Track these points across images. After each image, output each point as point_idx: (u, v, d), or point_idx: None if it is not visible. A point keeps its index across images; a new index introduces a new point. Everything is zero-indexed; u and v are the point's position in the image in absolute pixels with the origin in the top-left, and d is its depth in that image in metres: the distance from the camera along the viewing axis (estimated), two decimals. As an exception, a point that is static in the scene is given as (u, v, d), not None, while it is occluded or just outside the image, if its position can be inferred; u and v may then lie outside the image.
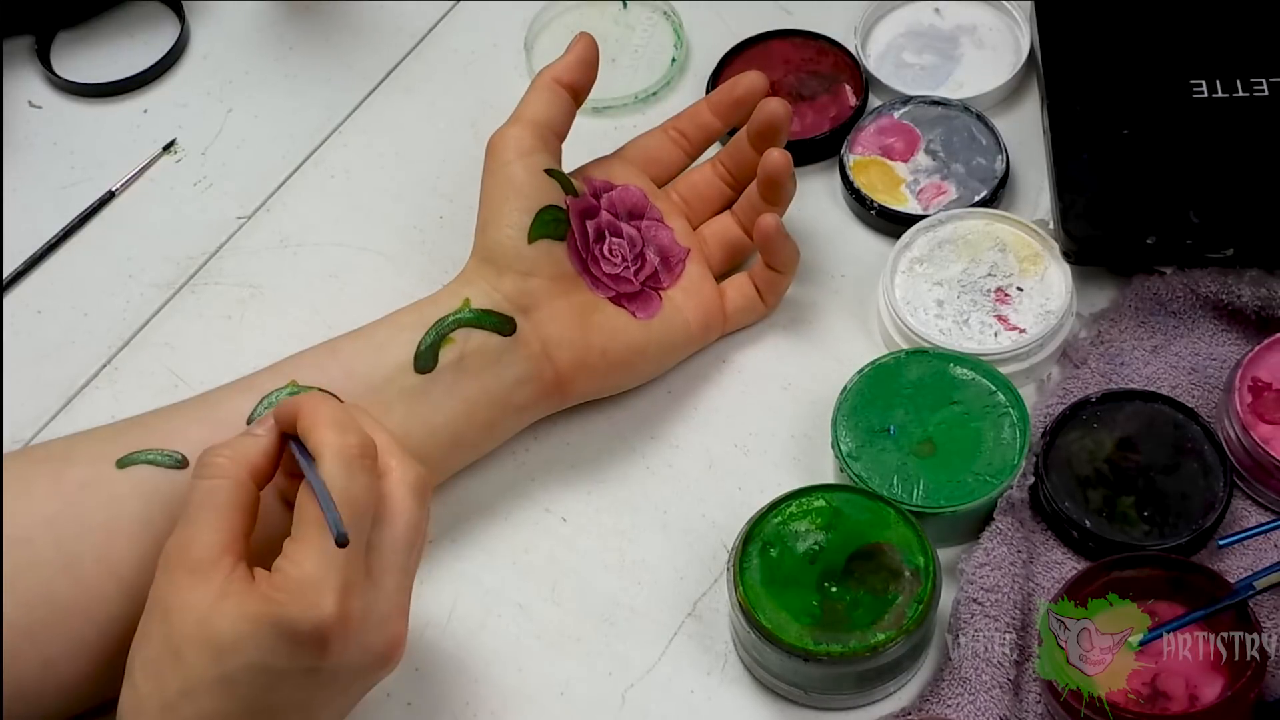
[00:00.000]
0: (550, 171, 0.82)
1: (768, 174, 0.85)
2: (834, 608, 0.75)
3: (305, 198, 0.96)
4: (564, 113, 0.84)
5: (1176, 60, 0.90)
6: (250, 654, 0.65)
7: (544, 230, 0.81)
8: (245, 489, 0.69)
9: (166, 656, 0.66)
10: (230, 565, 0.67)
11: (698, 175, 0.89)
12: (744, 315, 0.88)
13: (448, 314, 0.80)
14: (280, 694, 0.67)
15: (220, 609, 0.66)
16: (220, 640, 0.65)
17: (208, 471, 0.69)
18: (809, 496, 0.78)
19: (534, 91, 0.84)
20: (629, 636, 0.80)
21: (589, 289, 0.83)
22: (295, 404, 0.70)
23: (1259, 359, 0.82)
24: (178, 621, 0.66)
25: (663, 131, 0.89)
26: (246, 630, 0.65)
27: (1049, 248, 0.87)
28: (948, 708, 0.75)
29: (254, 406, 0.76)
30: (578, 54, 0.85)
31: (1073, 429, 0.81)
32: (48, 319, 0.92)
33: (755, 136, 0.86)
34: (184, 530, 0.68)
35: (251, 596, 0.66)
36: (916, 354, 0.84)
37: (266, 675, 0.66)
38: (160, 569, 0.68)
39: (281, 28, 1.02)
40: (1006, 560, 0.77)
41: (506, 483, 0.85)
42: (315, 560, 0.66)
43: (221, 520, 0.68)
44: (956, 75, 0.96)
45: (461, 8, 1.03)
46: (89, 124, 0.99)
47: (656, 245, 0.86)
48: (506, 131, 0.83)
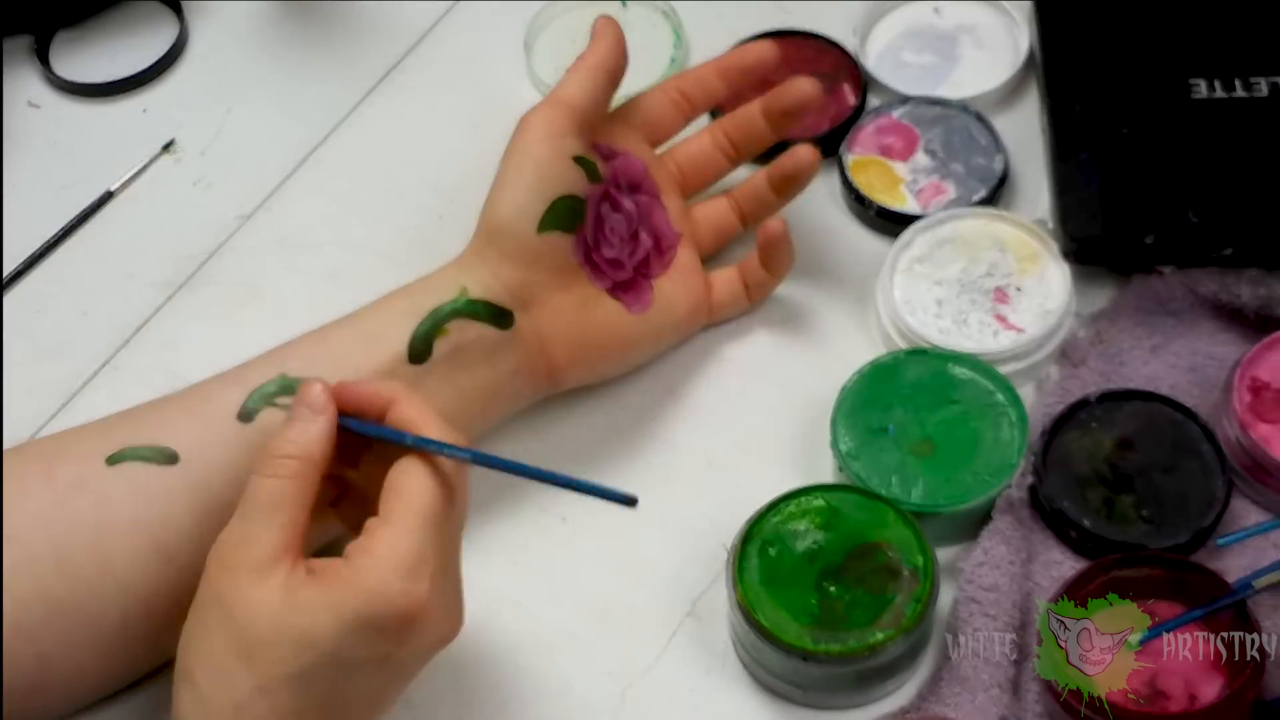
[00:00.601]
0: (578, 158, 0.80)
1: (795, 168, 0.84)
2: (833, 607, 0.75)
3: (305, 198, 0.96)
4: (602, 98, 0.82)
5: (1176, 60, 0.90)
6: (331, 644, 0.65)
7: (555, 222, 0.80)
8: (311, 485, 0.69)
9: (235, 655, 0.66)
10: (292, 561, 0.67)
11: (696, 146, 0.88)
12: (729, 309, 0.88)
13: (443, 303, 0.79)
14: (354, 684, 0.66)
15: (297, 604, 0.65)
16: (301, 635, 0.65)
17: (273, 469, 0.68)
18: (808, 496, 0.78)
19: (575, 73, 0.82)
20: (628, 636, 0.80)
21: (589, 280, 0.82)
22: (376, 394, 0.70)
23: (1258, 358, 0.82)
24: (246, 620, 0.66)
25: (664, 93, 0.87)
26: (327, 621, 0.65)
27: (1048, 247, 0.87)
28: (947, 707, 0.75)
29: (244, 400, 0.76)
30: (611, 37, 0.83)
31: (1072, 428, 0.81)
32: (48, 319, 0.92)
33: (778, 114, 0.85)
34: (245, 527, 0.67)
35: (332, 588, 0.65)
36: (915, 354, 0.84)
37: (344, 665, 0.65)
38: (216, 566, 0.68)
39: (281, 28, 1.02)
40: (1005, 560, 0.77)
41: (506, 482, 0.84)
42: (409, 545, 0.66)
43: (287, 519, 0.67)
44: (956, 75, 0.96)
45: (461, 8, 1.03)
46: (88, 124, 0.99)
47: (650, 226, 0.85)
48: (540, 110, 0.81)
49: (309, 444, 0.69)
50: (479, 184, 0.83)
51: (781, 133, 0.87)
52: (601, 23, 0.84)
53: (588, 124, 0.81)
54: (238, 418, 0.76)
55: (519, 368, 0.80)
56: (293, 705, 0.65)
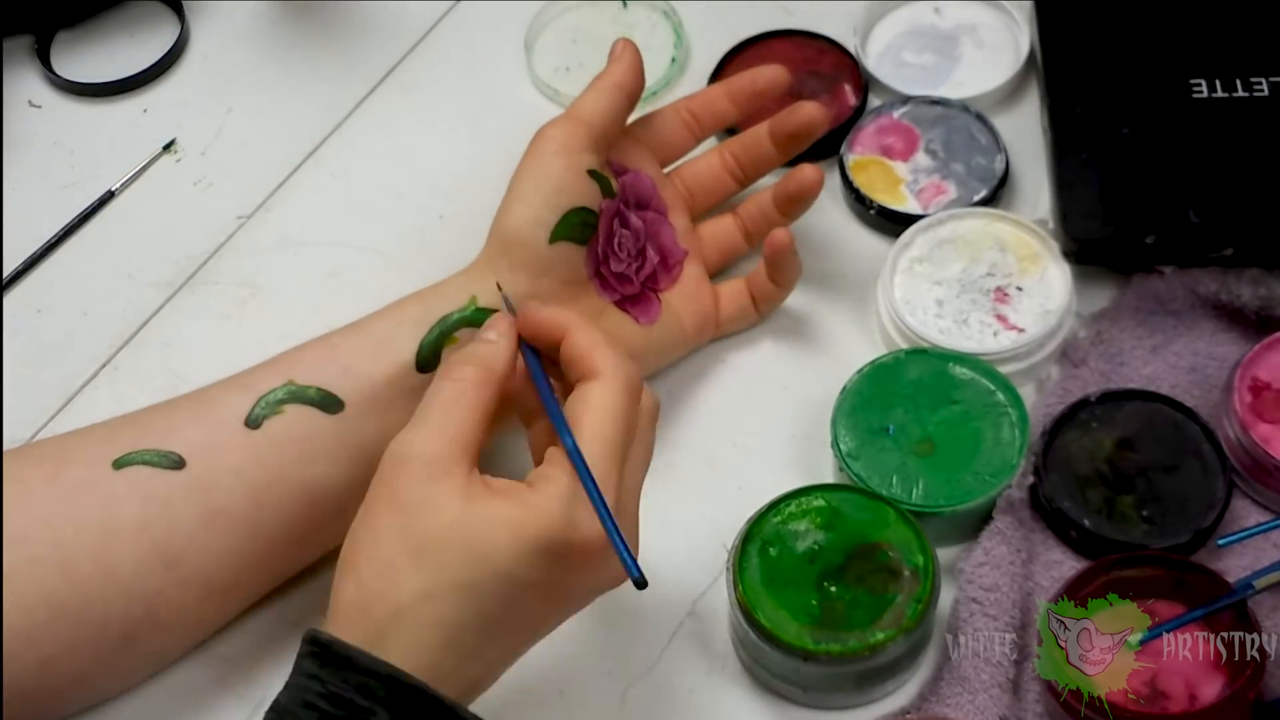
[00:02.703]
0: (592, 173, 0.81)
1: (799, 189, 0.84)
2: (833, 607, 0.75)
3: (305, 197, 0.96)
4: (619, 118, 0.83)
5: (1176, 60, 0.90)
6: (507, 563, 0.64)
7: (568, 233, 0.80)
8: (490, 395, 0.69)
9: (406, 552, 0.65)
10: (468, 468, 0.66)
11: (704, 166, 0.88)
12: (736, 323, 0.88)
13: (452, 311, 0.79)
14: (521, 605, 0.66)
15: (476, 513, 0.65)
16: (476, 546, 0.64)
17: (454, 374, 0.69)
18: (808, 496, 0.78)
19: (594, 91, 0.83)
20: (629, 636, 0.80)
21: (597, 293, 0.82)
22: (552, 320, 0.70)
23: (1258, 358, 0.82)
24: (421, 520, 0.65)
25: (675, 113, 0.88)
26: (505, 539, 0.64)
27: (1048, 247, 0.87)
28: (947, 707, 0.75)
29: (251, 406, 0.76)
30: (631, 59, 0.83)
31: (1072, 428, 0.81)
32: (48, 319, 0.92)
33: (784, 138, 0.86)
34: (422, 427, 0.67)
35: (515, 506, 0.65)
36: (916, 353, 0.84)
37: (515, 586, 0.65)
38: (391, 463, 0.67)
39: (281, 28, 1.02)
40: (1006, 560, 0.77)
41: (506, 482, 0.85)
42: None
43: (465, 419, 0.67)
44: (956, 75, 0.96)
45: (461, 8, 1.03)
46: (89, 124, 0.99)
47: (657, 244, 0.85)
48: (558, 124, 0.81)
49: (489, 358, 0.70)
50: (479, 184, 0.83)
51: (787, 155, 0.88)
52: (621, 44, 0.84)
53: (604, 141, 0.82)
54: (245, 424, 0.75)
55: None
56: (456, 616, 0.65)
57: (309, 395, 0.76)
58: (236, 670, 0.79)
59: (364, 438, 0.76)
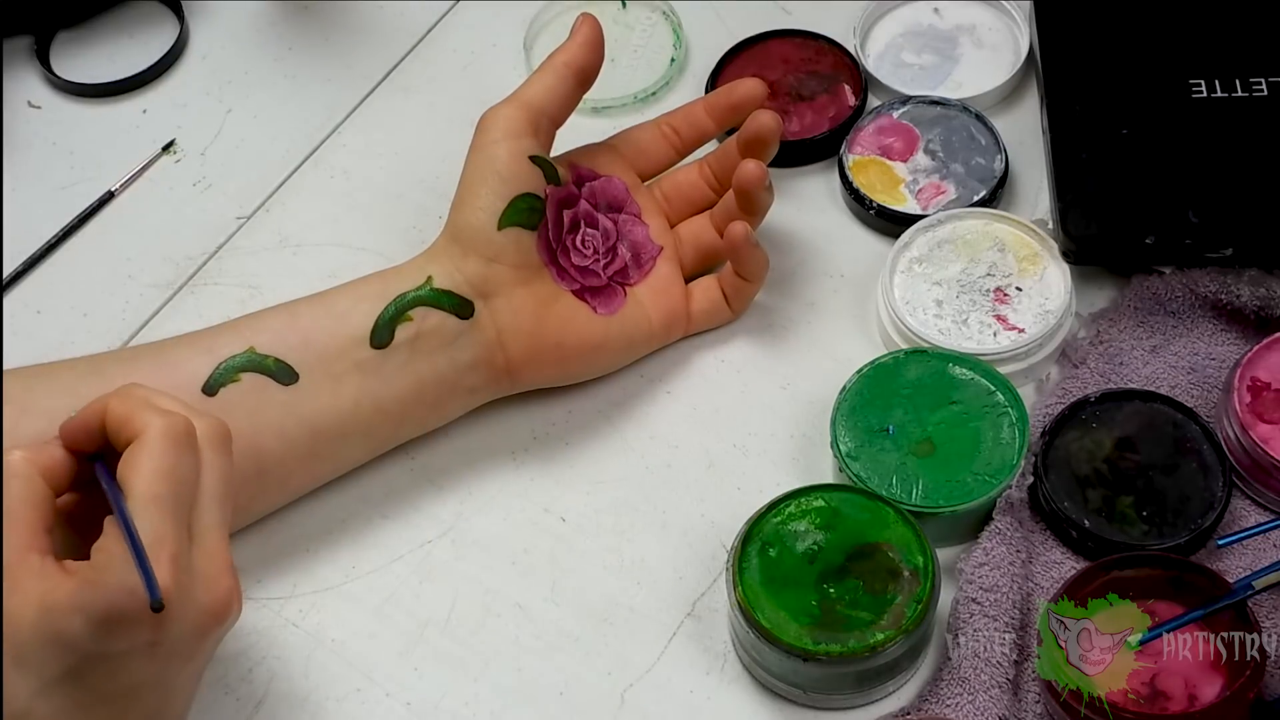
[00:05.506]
0: (534, 158, 0.82)
1: (741, 185, 0.85)
2: (833, 607, 0.75)
3: (305, 198, 0.96)
4: (566, 98, 0.84)
5: (1176, 60, 0.90)
6: (90, 647, 0.64)
7: (516, 218, 0.82)
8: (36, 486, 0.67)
9: (10, 664, 0.64)
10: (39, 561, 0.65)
11: (683, 175, 0.89)
12: (709, 318, 0.88)
13: (408, 289, 0.80)
14: (129, 675, 0.66)
15: (51, 608, 0.64)
16: (60, 637, 0.64)
17: None
18: (808, 496, 0.78)
19: (538, 74, 0.84)
20: (628, 636, 0.80)
21: (553, 280, 0.83)
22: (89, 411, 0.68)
23: (1258, 359, 0.82)
24: (12, 628, 0.64)
25: (655, 126, 0.89)
26: (81, 622, 0.64)
27: (1048, 247, 0.87)
28: (947, 707, 0.75)
29: (210, 371, 0.77)
30: (584, 35, 0.85)
31: (1072, 429, 0.81)
32: (48, 319, 0.92)
33: (744, 146, 0.86)
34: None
35: (74, 585, 0.64)
36: (915, 354, 0.84)
37: (109, 661, 0.65)
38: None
39: (281, 28, 1.02)
40: (1005, 560, 0.77)
41: (506, 482, 0.85)
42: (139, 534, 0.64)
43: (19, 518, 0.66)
44: (955, 75, 0.96)
45: (461, 8, 1.03)
46: (88, 124, 0.99)
47: (630, 241, 0.86)
48: (499, 110, 0.83)
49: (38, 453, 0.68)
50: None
51: None
52: (580, 20, 0.85)
53: (547, 123, 0.83)
54: (202, 390, 0.77)
55: (477, 360, 0.81)
56: (73, 702, 0.65)
57: (267, 365, 0.78)
58: (237, 670, 0.79)
59: (314, 408, 0.79)
